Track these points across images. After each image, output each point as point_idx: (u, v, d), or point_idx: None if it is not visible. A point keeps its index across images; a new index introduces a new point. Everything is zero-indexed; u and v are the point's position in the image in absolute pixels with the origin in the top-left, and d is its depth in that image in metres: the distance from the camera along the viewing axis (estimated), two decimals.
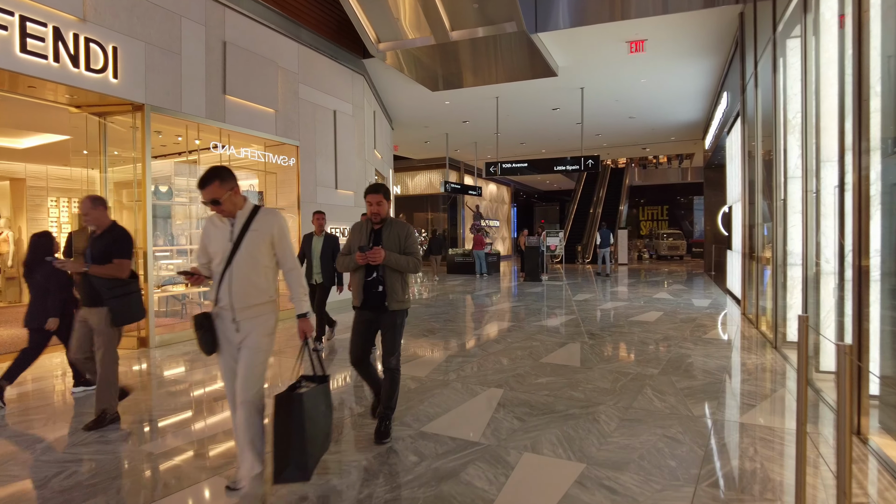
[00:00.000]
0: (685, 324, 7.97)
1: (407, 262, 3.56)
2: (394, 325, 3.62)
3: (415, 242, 3.65)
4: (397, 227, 3.63)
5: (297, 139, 9.30)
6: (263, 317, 2.89)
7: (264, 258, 2.88)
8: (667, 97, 14.07)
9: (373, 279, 3.57)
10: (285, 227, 2.97)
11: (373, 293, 3.58)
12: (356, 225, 3.74)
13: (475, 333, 7.46)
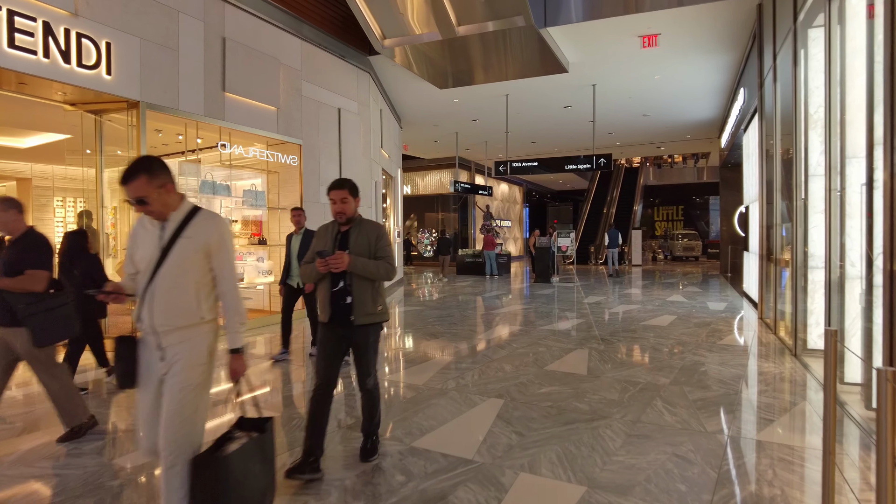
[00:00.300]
0: (699, 328, 7.64)
1: (377, 267, 3.12)
2: (365, 343, 3.20)
3: (387, 245, 3.24)
4: (367, 227, 3.22)
5: (300, 137, 9.11)
6: (193, 341, 2.33)
7: (196, 271, 2.34)
8: (681, 94, 13.70)
9: (339, 289, 3.12)
10: (227, 237, 2.42)
11: (340, 306, 3.13)
12: (322, 228, 3.29)
13: (479, 338, 7.21)
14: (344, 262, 2.98)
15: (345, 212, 3.13)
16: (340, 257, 2.98)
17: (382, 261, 3.17)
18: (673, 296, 11.76)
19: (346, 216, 3.16)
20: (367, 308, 3.15)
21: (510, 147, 20.64)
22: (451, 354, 6.17)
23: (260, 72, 8.21)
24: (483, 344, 6.78)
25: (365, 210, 10.76)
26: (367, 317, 3.14)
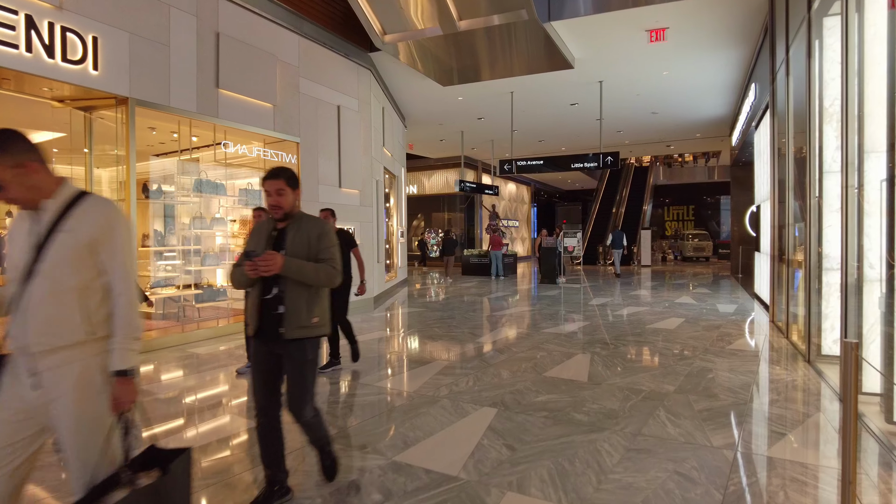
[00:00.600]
0: (708, 332, 7.35)
1: (316, 271, 2.66)
2: (299, 362, 2.68)
3: (331, 246, 2.75)
4: (308, 225, 2.75)
5: (298, 135, 8.91)
6: (79, 365, 1.82)
7: (78, 274, 1.82)
8: (691, 91, 13.38)
9: (271, 297, 2.66)
10: (118, 228, 1.89)
11: (270, 316, 2.66)
12: (256, 225, 2.86)
13: (479, 341, 6.97)
14: (275, 263, 2.53)
15: (280, 205, 2.69)
16: (271, 258, 2.52)
17: (324, 264, 2.71)
18: (682, 297, 11.45)
19: (283, 211, 2.71)
20: (301, 319, 2.66)
21: (517, 146, 20.38)
22: (448, 359, 5.94)
23: (256, 68, 8.02)
24: (482, 347, 6.54)
25: (366, 210, 10.56)
26: (300, 330, 2.66)
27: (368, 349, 6.51)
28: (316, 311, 2.73)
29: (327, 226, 2.81)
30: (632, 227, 26.05)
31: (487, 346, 6.67)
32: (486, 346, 6.67)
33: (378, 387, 4.89)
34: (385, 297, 11.80)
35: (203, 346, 6.84)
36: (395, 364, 5.87)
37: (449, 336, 7.36)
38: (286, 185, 2.69)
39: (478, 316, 9.20)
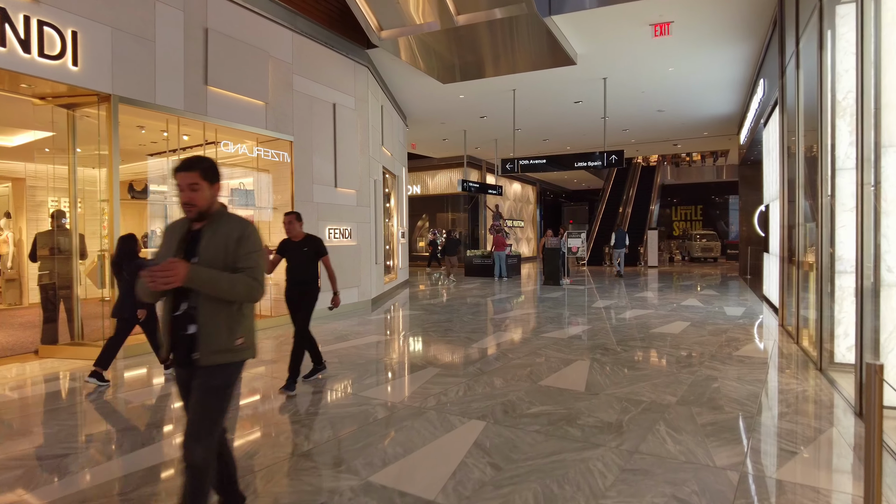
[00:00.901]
0: (714, 337, 7.05)
1: (232, 284, 2.20)
2: (208, 389, 2.23)
3: (253, 251, 2.29)
4: (226, 227, 2.30)
5: (291, 134, 8.69)
6: None
7: None
8: (697, 87, 13.05)
9: (181, 314, 2.24)
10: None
11: (180, 337, 2.25)
12: (170, 226, 2.40)
13: (474, 346, 6.70)
14: (176, 274, 2.06)
15: (194, 203, 2.25)
16: (170, 267, 2.06)
17: (242, 274, 2.23)
18: (688, 299, 11.14)
19: (197, 209, 2.26)
20: (219, 341, 2.23)
21: (521, 145, 20.10)
22: (440, 366, 5.68)
23: (247, 65, 7.81)
24: (478, 353, 6.28)
25: (363, 210, 10.33)
26: (219, 355, 2.23)
27: (359, 355, 6.27)
28: (239, 331, 2.29)
29: (249, 228, 2.34)
30: (638, 227, 25.71)
31: (483, 351, 6.40)
32: (482, 351, 6.40)
33: (362, 396, 4.64)
34: (384, 299, 11.57)
35: None
36: (385, 371, 5.62)
37: (445, 341, 7.11)
38: (201, 179, 2.25)
39: (477, 319, 8.94)
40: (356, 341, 7.06)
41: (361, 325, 8.30)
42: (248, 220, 2.32)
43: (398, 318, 9.36)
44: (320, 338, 7.26)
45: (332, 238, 9.50)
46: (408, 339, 7.41)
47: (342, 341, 7.05)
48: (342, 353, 6.34)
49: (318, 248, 5.13)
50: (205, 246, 2.26)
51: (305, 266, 5.11)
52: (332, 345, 6.84)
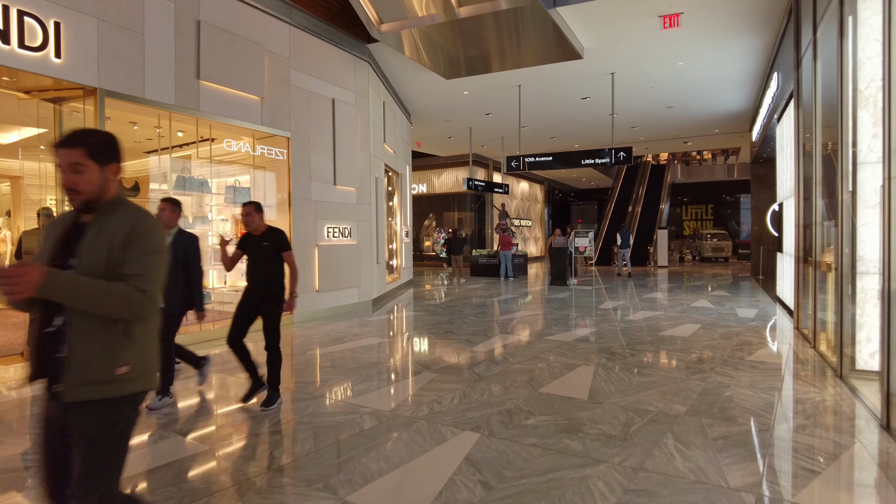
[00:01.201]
0: (726, 340, 6.74)
1: (106, 295, 1.65)
2: (84, 435, 1.69)
3: (145, 255, 1.75)
4: (115, 221, 1.77)
5: (288, 130, 8.46)
6: None
7: None
8: (708, 83, 12.69)
9: (54, 331, 1.71)
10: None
11: (50, 361, 1.71)
12: (55, 219, 1.91)
13: (475, 349, 6.43)
14: (27, 280, 1.51)
15: (77, 188, 1.73)
16: (19, 272, 1.51)
17: (124, 283, 1.69)
18: (699, 300, 10.80)
19: (82, 197, 1.75)
20: (92, 370, 1.69)
21: (528, 143, 19.80)
22: (437, 370, 5.42)
23: (241, 59, 7.58)
24: (477, 357, 6.01)
25: (363, 208, 10.10)
26: (87, 388, 1.68)
27: (353, 358, 6.02)
28: (124, 357, 1.74)
29: (144, 224, 1.79)
30: (648, 226, 25.32)
31: (484, 354, 6.13)
32: (483, 354, 6.13)
33: (352, 404, 4.38)
34: (385, 299, 11.33)
35: None
36: (378, 376, 5.36)
37: (444, 343, 6.85)
38: (87, 158, 1.73)
39: (479, 320, 8.67)
40: (352, 344, 6.81)
41: (360, 327, 8.06)
42: (147, 214, 1.84)
43: (398, 319, 9.10)
44: (316, 339, 7.06)
45: (331, 237, 9.27)
46: (406, 341, 7.16)
47: (337, 343, 6.81)
48: (336, 357, 6.09)
49: (279, 242, 4.43)
50: (86, 246, 1.74)
51: (265, 263, 4.37)
52: (328, 347, 6.60)
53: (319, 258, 8.99)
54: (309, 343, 6.91)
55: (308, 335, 7.40)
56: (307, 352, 6.41)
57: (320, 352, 6.40)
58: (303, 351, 6.46)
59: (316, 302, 8.98)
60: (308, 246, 8.79)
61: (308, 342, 6.97)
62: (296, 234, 8.50)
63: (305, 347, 6.65)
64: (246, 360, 4.41)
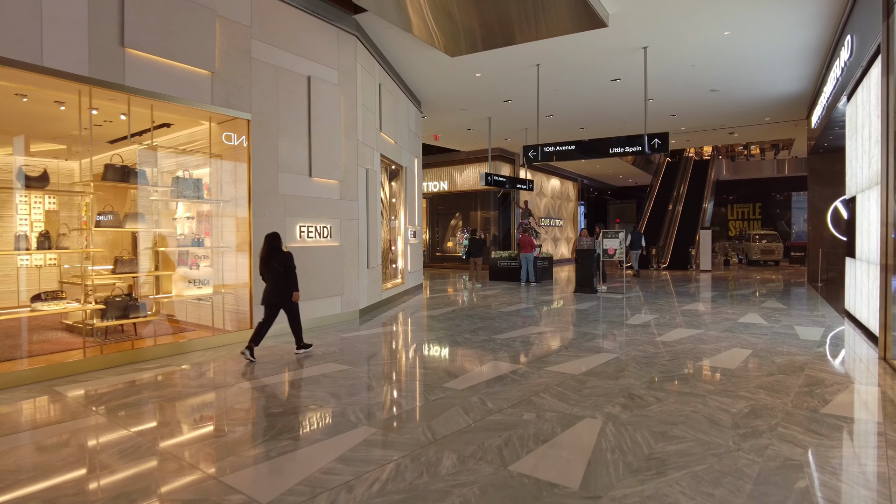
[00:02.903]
0: (788, 377, 5.06)
1: None
2: None
3: None
4: None
5: (248, 111, 7.16)
6: None
7: None
8: (760, 57, 10.82)
9: None
10: None
11: None
12: None
13: (446, 386, 4.95)
14: None
15: None
16: None
17: None
18: (747, 314, 9.02)
19: None
20: None
21: (554, 135, 18.15)
22: (380, 423, 3.97)
23: (184, 25, 6.30)
24: (446, 399, 4.53)
25: (348, 204, 8.72)
26: None
27: (276, 399, 4.62)
28: None
29: None
30: (690, 226, 23.29)
31: (455, 395, 4.65)
32: (454, 395, 4.65)
33: (223, 484, 2.96)
34: (380, 308, 9.93)
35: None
36: (289, 431, 3.93)
37: (410, 375, 5.39)
38: None
39: (474, 339, 7.18)
40: (296, 373, 5.43)
41: (327, 347, 6.67)
42: None
43: (380, 336, 7.67)
44: (255, 366, 5.54)
45: (306, 238, 7.93)
46: (368, 371, 5.73)
47: (275, 375, 5.42)
48: (258, 395, 4.71)
49: None
50: None
51: None
52: (261, 379, 5.22)
53: None
54: (235, 371, 5.56)
55: (271, 349, 6.07)
56: (225, 387, 5.04)
57: (242, 386, 5.03)
58: (222, 384, 5.10)
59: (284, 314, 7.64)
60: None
61: (235, 370, 5.61)
62: (256, 234, 7.19)
63: (227, 378, 5.30)
64: None
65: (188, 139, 7.85)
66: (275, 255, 6.01)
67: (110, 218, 6.11)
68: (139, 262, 6.68)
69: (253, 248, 7.15)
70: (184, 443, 3.60)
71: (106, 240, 7.39)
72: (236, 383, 5.06)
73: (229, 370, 5.56)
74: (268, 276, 6.07)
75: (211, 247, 7.41)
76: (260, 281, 7.12)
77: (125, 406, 4.36)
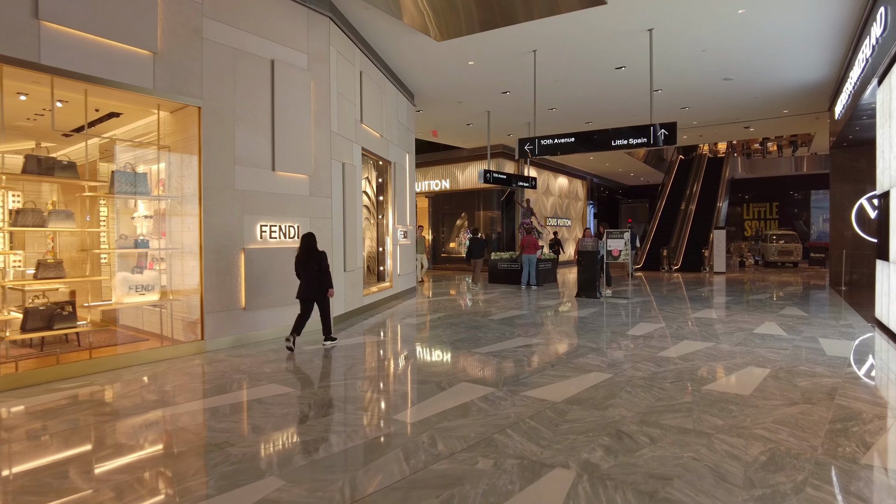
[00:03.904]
0: (814, 406, 4.17)
1: None
2: None
3: None
4: None
5: (199, 97, 6.39)
6: None
7: None
8: (778, 40, 9.87)
9: None
10: None
11: None
12: None
13: (392, 420, 4.14)
14: None
15: None
16: None
17: None
18: (764, 323, 8.10)
19: None
20: None
21: (558, 130, 17.20)
22: (293, 472, 3.14)
23: None
24: (390, 437, 3.70)
25: (320, 201, 7.94)
26: None
27: (181, 431, 3.82)
28: None
29: None
30: (704, 226, 22.26)
31: (400, 431, 3.82)
32: (398, 432, 3.82)
33: None
34: (359, 315, 9.13)
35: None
36: (181, 481, 3.12)
37: (359, 402, 4.57)
38: None
39: (448, 354, 6.35)
40: (230, 396, 4.63)
41: (278, 362, 5.88)
42: None
43: (346, 348, 6.85)
44: (188, 385, 4.64)
45: (268, 238, 7.15)
46: (310, 396, 4.92)
47: (206, 398, 4.63)
48: (168, 427, 3.92)
49: None
50: None
51: None
52: (185, 405, 4.44)
53: (248, 266, 6.88)
54: (162, 392, 4.78)
55: (187, 373, 5.29)
56: (133, 416, 4.26)
57: (151, 417, 4.24)
58: (132, 411, 4.32)
59: (244, 323, 6.88)
60: (229, 250, 6.69)
61: (161, 391, 4.83)
62: (207, 235, 6.43)
63: (144, 401, 4.52)
64: None
65: (145, 130, 7.12)
66: (312, 256, 6.45)
67: (29, 216, 5.36)
68: (64, 266, 5.92)
69: (203, 250, 6.39)
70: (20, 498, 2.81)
71: (63, 242, 6.69)
72: (151, 410, 4.28)
73: (154, 391, 4.78)
74: (303, 273, 6.49)
75: (159, 248, 6.66)
76: (211, 288, 6.43)
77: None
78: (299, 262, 6.53)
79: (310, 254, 6.45)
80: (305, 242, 6.50)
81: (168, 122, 6.78)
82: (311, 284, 6.46)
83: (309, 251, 6.45)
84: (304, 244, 6.49)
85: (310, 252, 6.45)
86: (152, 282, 6.31)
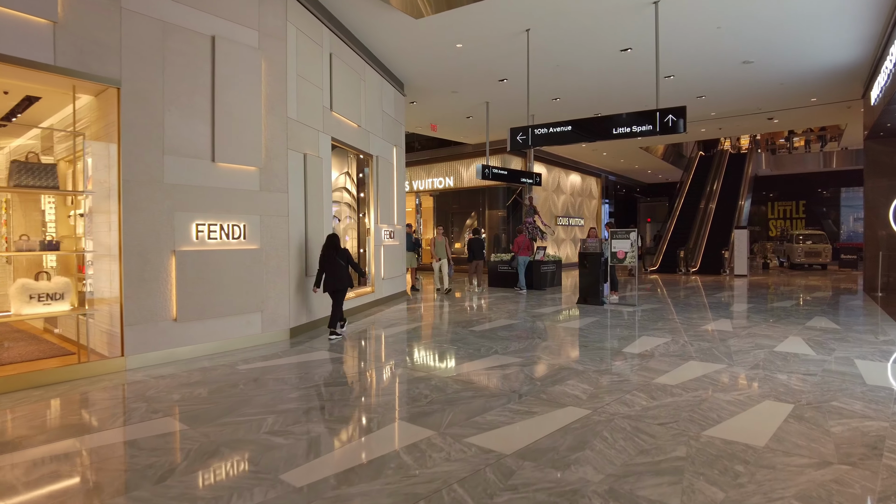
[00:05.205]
0: (854, 468, 3.09)
1: None
2: None
3: None
4: None
5: (118, 76, 5.48)
6: None
7: None
8: (804, 12, 8.66)
9: None
10: None
11: None
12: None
13: (275, 483, 3.16)
14: None
15: None
16: None
17: None
18: (788, 338, 6.95)
19: None
20: None
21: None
22: None
23: None
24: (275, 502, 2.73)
25: (273, 197, 7.00)
26: None
27: (36, 477, 2.89)
28: None
29: None
30: (724, 226, 20.98)
31: (296, 497, 2.85)
32: (294, 496, 2.85)
33: None
34: (318, 329, 8.16)
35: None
36: None
37: (257, 447, 3.59)
38: None
39: (394, 381, 5.36)
40: (109, 435, 3.70)
41: (191, 387, 4.94)
42: None
43: (287, 368, 5.88)
44: (61, 418, 3.76)
45: (206, 239, 6.23)
46: (197, 439, 3.96)
47: (79, 436, 3.71)
48: (19, 473, 2.99)
49: None
50: None
51: None
52: (37, 449, 3.51)
53: (180, 271, 5.97)
54: (32, 427, 3.87)
55: (75, 401, 4.39)
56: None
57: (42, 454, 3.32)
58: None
59: (174, 337, 5.96)
60: (155, 253, 5.78)
61: (34, 426, 3.92)
62: (128, 235, 5.53)
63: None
64: None
65: (79, 117, 6.26)
66: (339, 252, 7.18)
67: None
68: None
69: (123, 252, 5.49)
70: None
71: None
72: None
73: (11, 426, 3.87)
74: (329, 268, 7.10)
75: (74, 252, 5.79)
76: (132, 296, 5.50)
77: None
78: (324, 258, 7.15)
79: (337, 250, 7.15)
80: (330, 242, 7.18)
81: (94, 108, 5.91)
82: (339, 277, 7.13)
83: (336, 249, 7.16)
84: (330, 243, 7.18)
85: (337, 249, 7.16)
86: (61, 289, 5.42)
